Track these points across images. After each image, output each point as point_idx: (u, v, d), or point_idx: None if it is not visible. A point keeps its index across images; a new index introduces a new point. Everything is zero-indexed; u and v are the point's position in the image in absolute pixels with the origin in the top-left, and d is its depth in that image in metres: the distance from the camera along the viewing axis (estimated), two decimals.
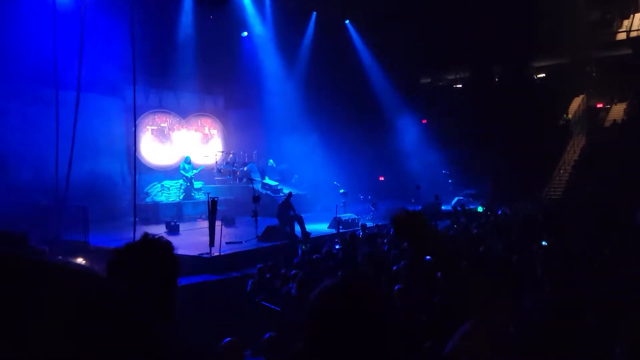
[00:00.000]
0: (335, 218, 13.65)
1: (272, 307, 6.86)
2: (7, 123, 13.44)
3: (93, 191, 14.20)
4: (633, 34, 23.77)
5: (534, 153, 19.80)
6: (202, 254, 9.62)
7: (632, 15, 24.34)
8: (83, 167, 13.75)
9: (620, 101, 23.30)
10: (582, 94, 24.15)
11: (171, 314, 1.66)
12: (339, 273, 7.28)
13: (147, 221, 14.80)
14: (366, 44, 22.25)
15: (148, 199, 16.26)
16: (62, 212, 12.01)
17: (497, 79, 26.52)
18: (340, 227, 13.33)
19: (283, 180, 18.43)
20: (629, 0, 24.53)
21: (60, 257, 9.78)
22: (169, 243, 1.73)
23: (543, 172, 20.29)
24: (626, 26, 24.35)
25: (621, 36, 24.22)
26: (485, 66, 25.80)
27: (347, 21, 22.24)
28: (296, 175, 19.19)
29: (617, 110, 22.95)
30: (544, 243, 7.67)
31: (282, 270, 7.61)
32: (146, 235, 1.71)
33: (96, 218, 12.49)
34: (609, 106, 23.59)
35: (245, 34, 19.66)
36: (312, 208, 17.21)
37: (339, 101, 20.99)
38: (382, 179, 21.80)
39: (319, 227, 13.65)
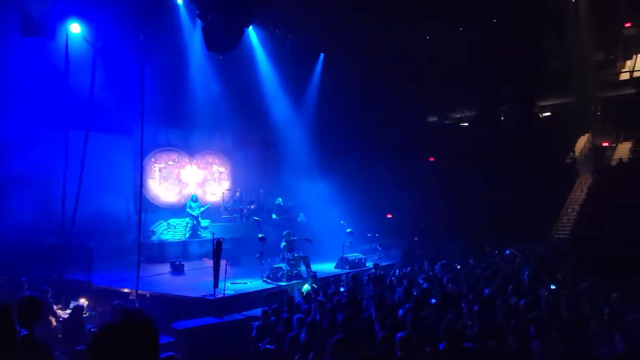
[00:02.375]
0: (342, 258, 13.53)
1: (269, 347, 6.74)
2: (13, 163, 13.55)
3: (98, 229, 14.19)
4: (636, 74, 24.01)
5: (541, 192, 19.72)
6: (206, 295, 9.52)
7: (634, 56, 24.66)
8: (89, 206, 13.81)
9: (626, 140, 23.33)
10: (587, 132, 24.22)
11: None
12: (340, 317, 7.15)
13: (153, 260, 14.75)
14: (374, 85, 22.50)
15: (154, 237, 16.22)
16: (66, 251, 12.01)
17: (502, 118, 26.71)
18: (347, 267, 13.20)
19: (290, 218, 18.37)
20: (631, 42, 24.91)
21: (63, 297, 9.71)
22: (150, 321, 1.67)
23: (551, 211, 20.13)
24: (629, 67, 24.63)
25: (624, 76, 24.47)
26: (491, 105, 26.04)
27: (352, 62, 22.62)
28: (302, 214, 19.15)
29: (623, 149, 22.95)
30: (552, 287, 7.53)
31: (284, 315, 7.48)
32: (125, 313, 1.65)
33: (101, 257, 12.43)
34: (614, 145, 23.60)
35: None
36: (319, 247, 17.08)
37: (346, 140, 21.13)
38: (390, 216, 21.69)
39: (325, 267, 13.52)
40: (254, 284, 11.10)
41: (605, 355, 5.32)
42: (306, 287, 10.45)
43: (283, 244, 12.70)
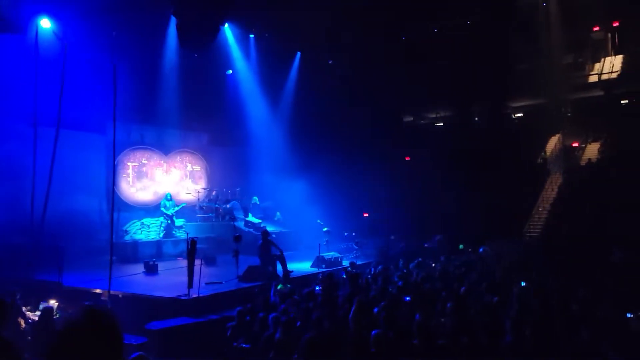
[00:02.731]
0: (318, 257, 13.55)
1: (244, 345, 6.71)
2: None
3: (70, 229, 13.88)
4: (604, 77, 24.69)
5: (513, 191, 20.10)
6: (181, 295, 9.41)
7: (602, 59, 25.37)
8: (60, 205, 13.48)
9: (595, 140, 23.96)
10: (558, 133, 24.79)
11: None
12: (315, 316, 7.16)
13: (126, 260, 14.52)
14: (349, 84, 22.63)
15: (127, 237, 15.96)
16: (36, 251, 11.71)
17: (476, 118, 27.16)
18: (324, 265, 13.23)
19: (266, 217, 18.32)
20: (599, 45, 25.64)
21: (32, 298, 9.48)
22: (113, 318, 1.65)
23: (523, 210, 20.53)
24: (597, 69, 25.32)
25: (593, 79, 25.11)
26: (465, 106, 26.45)
27: (330, 61, 22.69)
28: (278, 213, 19.11)
29: (592, 150, 23.56)
30: (523, 284, 7.69)
31: (261, 314, 7.44)
32: (89, 310, 1.62)
33: (72, 257, 12.17)
34: (584, 145, 24.21)
35: (230, 72, 19.86)
36: (296, 246, 17.08)
37: (323, 138, 21.17)
38: (366, 215, 21.81)
39: (302, 266, 13.52)
40: (229, 284, 11.02)
41: (573, 350, 5.47)
42: (282, 286, 10.42)
43: (259, 242, 12.66)
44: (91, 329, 1.58)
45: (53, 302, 9.97)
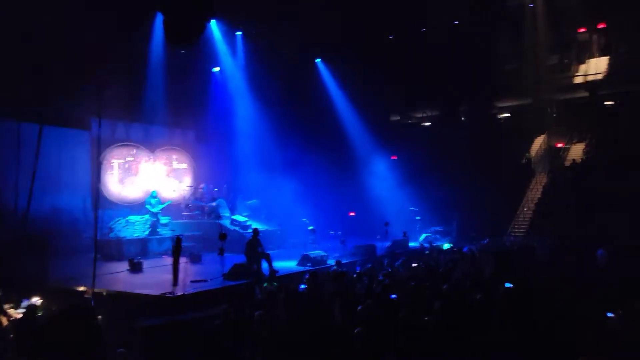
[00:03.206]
0: (304, 255, 13.55)
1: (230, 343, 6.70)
2: None
3: (53, 226, 13.76)
4: (589, 78, 24.97)
5: (499, 191, 20.28)
6: (166, 293, 9.35)
7: (588, 61, 25.66)
8: (44, 201, 13.36)
9: (579, 141, 24.25)
10: (543, 133, 25.04)
11: None
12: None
13: (110, 258, 14.40)
14: (336, 83, 22.68)
15: (112, 235, 15.80)
16: (19, 248, 11.56)
17: (463, 118, 27.33)
18: (309, 264, 13.23)
19: (252, 216, 18.26)
20: (584, 47, 25.94)
21: (15, 295, 9.37)
22: (91, 311, 1.65)
23: (508, 210, 20.72)
24: (583, 70, 25.61)
25: (578, 80, 25.39)
26: (451, 105, 26.61)
27: (317, 60, 22.71)
28: (265, 211, 19.06)
29: (576, 150, 23.84)
30: (507, 285, 7.75)
31: (246, 312, 7.43)
32: (70, 306, 1.62)
33: (56, 254, 12.04)
34: (568, 146, 24.49)
35: (217, 69, 19.76)
36: (281, 244, 17.06)
37: (309, 137, 21.16)
38: (352, 214, 21.84)
39: (287, 265, 13.50)
40: (215, 282, 10.98)
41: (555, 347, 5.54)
42: (267, 284, 10.42)
43: (248, 239, 12.63)
44: (69, 317, 1.59)
45: (36, 300, 9.85)
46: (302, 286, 9.60)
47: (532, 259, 12.57)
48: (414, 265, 11.68)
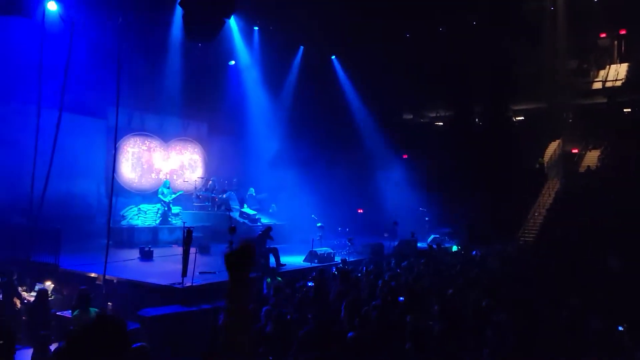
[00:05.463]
0: (311, 252, 13.64)
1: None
2: None
3: (68, 211, 14.00)
4: (608, 84, 24.70)
5: (510, 194, 20.19)
6: (174, 283, 9.52)
7: (607, 66, 25.36)
8: (59, 187, 13.58)
9: (595, 148, 24.01)
10: (558, 138, 24.83)
11: None
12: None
13: (122, 245, 14.63)
14: (351, 80, 22.69)
15: (124, 222, 16.06)
16: (34, 233, 11.82)
17: (477, 119, 27.19)
18: (316, 260, 13.33)
19: (261, 209, 18.41)
20: (605, 52, 25.62)
21: (28, 279, 9.59)
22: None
23: (519, 214, 20.64)
24: (602, 76, 25.31)
25: (597, 85, 25.14)
26: (466, 106, 26.47)
27: (333, 57, 22.74)
28: (274, 205, 19.19)
29: (592, 157, 23.61)
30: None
31: (250, 305, 7.55)
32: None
33: (69, 239, 12.27)
34: (583, 152, 24.26)
35: (233, 62, 19.88)
36: (289, 239, 17.18)
37: (322, 133, 21.24)
38: (361, 211, 21.89)
39: (294, 260, 13.62)
40: (223, 274, 11.13)
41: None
42: (274, 279, 10.54)
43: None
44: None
45: (48, 284, 10.10)
46: (310, 283, 9.70)
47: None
48: (420, 266, 11.71)
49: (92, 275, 10.63)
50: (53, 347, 6.14)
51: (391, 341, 5.95)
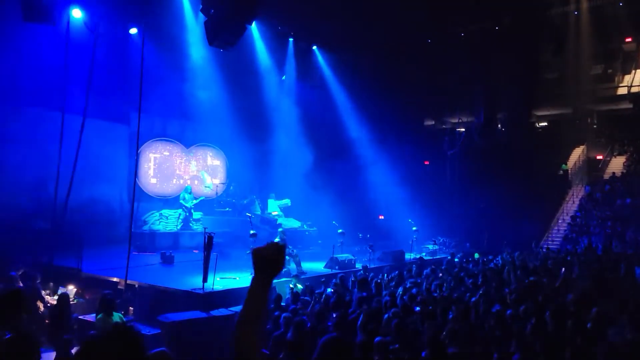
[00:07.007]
0: (332, 258, 13.56)
1: (263, 350, 6.75)
2: (8, 142, 13.55)
3: (90, 216, 14.17)
4: (634, 89, 24.17)
5: (533, 202, 19.85)
6: (195, 289, 9.53)
7: (633, 71, 24.83)
8: (82, 192, 13.76)
9: (620, 154, 23.51)
10: (582, 144, 24.38)
11: None
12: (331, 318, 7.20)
13: (143, 249, 14.75)
14: (374, 84, 22.51)
15: (145, 227, 16.20)
16: (57, 237, 11.98)
17: (499, 125, 26.84)
18: (337, 267, 13.24)
19: (282, 215, 18.40)
20: (630, 56, 25.09)
21: (51, 283, 9.70)
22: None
23: (542, 221, 20.27)
24: (627, 81, 24.79)
25: (622, 91, 24.63)
26: (488, 112, 26.15)
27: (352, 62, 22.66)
28: (294, 211, 19.16)
29: (617, 163, 23.13)
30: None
31: (276, 312, 7.50)
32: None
33: (91, 244, 12.42)
34: (608, 158, 23.77)
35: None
36: (310, 245, 17.14)
37: (343, 138, 21.18)
38: (382, 217, 21.73)
39: (315, 266, 13.55)
40: (243, 280, 11.12)
41: None
42: (295, 285, 10.49)
43: (277, 239, 12.73)
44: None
45: (71, 288, 10.20)
46: (329, 290, 9.62)
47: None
48: (440, 275, 11.54)
49: (114, 279, 10.71)
50: (75, 350, 6.15)
51: (410, 349, 5.83)
